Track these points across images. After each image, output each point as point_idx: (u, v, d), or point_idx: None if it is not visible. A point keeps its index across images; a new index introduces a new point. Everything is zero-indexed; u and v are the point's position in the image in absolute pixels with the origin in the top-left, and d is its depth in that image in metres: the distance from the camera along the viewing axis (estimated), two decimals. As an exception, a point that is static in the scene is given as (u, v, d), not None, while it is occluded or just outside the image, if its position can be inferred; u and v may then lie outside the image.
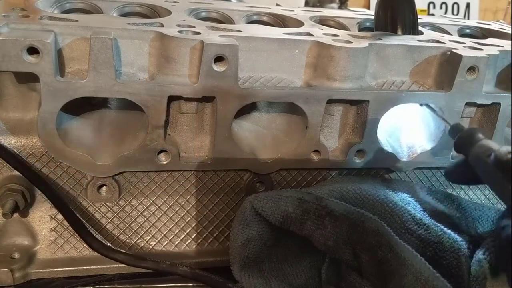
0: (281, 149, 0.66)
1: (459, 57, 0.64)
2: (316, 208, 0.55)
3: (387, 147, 0.69)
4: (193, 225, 0.68)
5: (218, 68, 0.57)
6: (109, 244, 0.65)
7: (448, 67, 0.66)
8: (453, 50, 0.66)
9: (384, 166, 0.69)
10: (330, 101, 0.63)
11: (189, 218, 0.68)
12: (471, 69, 0.65)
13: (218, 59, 0.56)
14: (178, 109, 0.62)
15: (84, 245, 0.64)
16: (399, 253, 0.49)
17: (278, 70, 0.63)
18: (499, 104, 0.69)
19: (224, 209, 0.68)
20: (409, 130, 0.71)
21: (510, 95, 0.69)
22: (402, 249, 0.49)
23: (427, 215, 0.58)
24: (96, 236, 0.62)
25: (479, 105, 0.71)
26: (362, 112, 0.65)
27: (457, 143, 0.52)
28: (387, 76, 0.68)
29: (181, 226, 0.68)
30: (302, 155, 0.65)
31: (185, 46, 0.57)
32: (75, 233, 0.64)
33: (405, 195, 0.61)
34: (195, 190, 0.66)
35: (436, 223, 0.56)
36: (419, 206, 0.60)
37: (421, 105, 0.66)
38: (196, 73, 0.58)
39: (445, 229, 0.56)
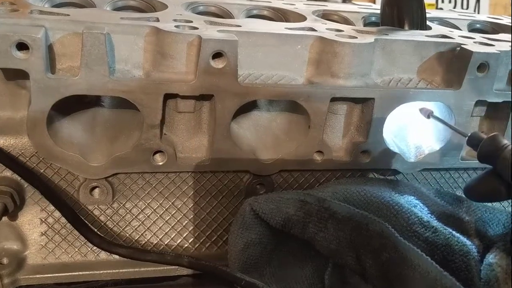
0: (283, 150, 0.66)
1: (469, 53, 0.64)
2: (319, 210, 0.56)
3: (393, 148, 0.69)
4: (190, 229, 0.68)
5: (216, 64, 0.57)
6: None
7: (457, 64, 0.66)
8: (462, 45, 0.66)
9: (390, 167, 0.69)
10: (334, 99, 0.63)
11: (186, 222, 0.68)
12: (482, 65, 0.65)
13: (217, 55, 0.57)
14: (174, 108, 0.62)
15: (76, 249, 0.65)
16: (404, 254, 0.49)
17: (279, 67, 0.64)
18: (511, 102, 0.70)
19: (223, 212, 0.69)
20: (416, 129, 0.71)
21: None
22: (408, 250, 0.50)
23: (434, 218, 0.58)
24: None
25: (490, 103, 0.71)
26: (367, 111, 0.65)
27: (481, 153, 0.50)
28: (394, 73, 0.68)
29: (178, 230, 0.68)
30: (305, 155, 0.66)
31: (182, 42, 0.58)
32: (67, 238, 0.64)
33: (412, 197, 0.62)
34: (192, 192, 0.67)
35: (445, 226, 0.56)
36: (426, 208, 0.60)
37: (428, 117, 0.66)
38: (194, 70, 0.58)
39: (454, 232, 0.56)
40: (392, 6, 0.75)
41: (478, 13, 2.24)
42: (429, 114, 0.66)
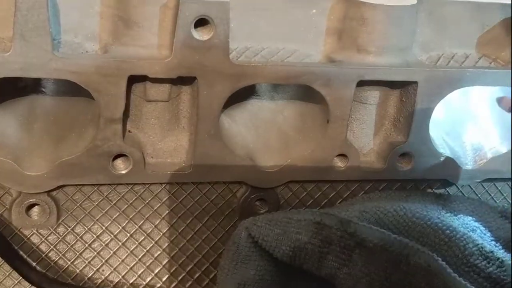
0: (292, 153, 0.66)
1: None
2: (342, 236, 0.56)
3: (443, 150, 0.69)
4: (164, 263, 0.69)
5: (200, 35, 0.57)
6: None
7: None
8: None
9: (439, 177, 0.70)
10: (362, 83, 0.64)
11: (159, 253, 0.68)
12: None
13: (201, 22, 0.57)
14: (142, 95, 0.62)
15: (16, 281, 0.65)
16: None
17: (286, 38, 0.64)
18: None
19: (209, 239, 0.69)
20: (475, 125, 0.72)
21: None
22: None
23: (500, 246, 0.58)
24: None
25: None
26: (408, 99, 0.66)
27: None
28: (445, 47, 0.69)
29: (147, 264, 0.68)
30: (322, 161, 0.66)
31: (153, 4, 0.58)
32: (2, 266, 0.64)
33: (470, 218, 0.62)
34: (167, 212, 0.67)
35: (515, 258, 0.57)
36: (489, 233, 0.60)
37: (510, 110, 0.66)
38: (169, 43, 0.58)
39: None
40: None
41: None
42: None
